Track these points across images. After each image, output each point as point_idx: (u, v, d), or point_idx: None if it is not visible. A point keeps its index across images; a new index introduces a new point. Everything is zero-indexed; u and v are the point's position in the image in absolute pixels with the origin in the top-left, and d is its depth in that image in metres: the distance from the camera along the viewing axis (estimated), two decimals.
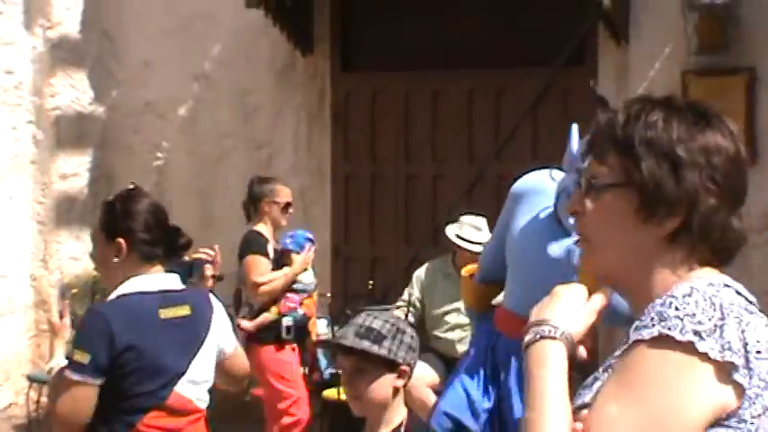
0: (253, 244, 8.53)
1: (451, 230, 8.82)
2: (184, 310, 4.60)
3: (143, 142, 11.08)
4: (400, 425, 4.03)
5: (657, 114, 2.34)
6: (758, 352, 2.22)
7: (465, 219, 8.80)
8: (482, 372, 6.77)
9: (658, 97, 2.42)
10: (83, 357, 4.34)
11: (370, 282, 9.86)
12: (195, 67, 10.90)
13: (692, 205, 2.30)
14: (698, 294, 2.25)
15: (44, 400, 10.18)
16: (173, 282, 4.68)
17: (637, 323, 2.28)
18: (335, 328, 9.22)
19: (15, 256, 10.88)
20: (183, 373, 4.56)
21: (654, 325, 2.22)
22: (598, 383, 2.37)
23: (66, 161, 11.07)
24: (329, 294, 9.98)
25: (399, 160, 10.42)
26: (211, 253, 5.82)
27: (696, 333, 2.18)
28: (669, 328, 2.19)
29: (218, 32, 10.81)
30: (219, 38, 10.84)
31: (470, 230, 8.70)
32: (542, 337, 2.35)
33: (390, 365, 3.94)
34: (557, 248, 6.44)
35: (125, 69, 11.10)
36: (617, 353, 2.34)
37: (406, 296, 9.21)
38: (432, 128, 10.32)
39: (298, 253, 8.63)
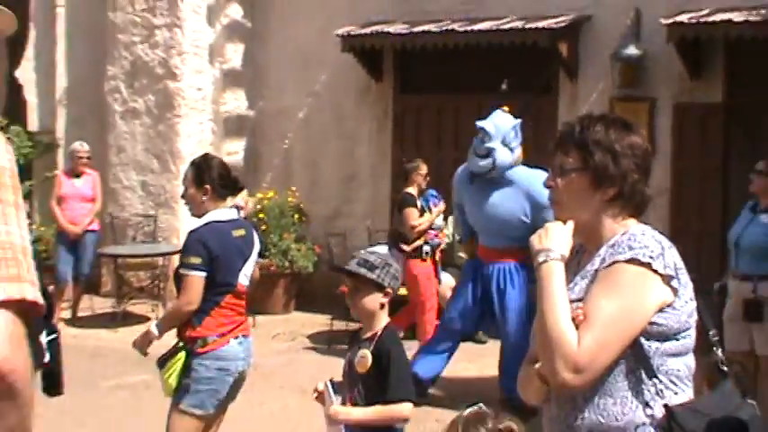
0: (408, 201, 8.63)
1: None
2: (242, 232, 4.75)
3: (276, 134, 11.21)
4: (383, 329, 3.85)
5: (600, 125, 2.49)
6: (679, 268, 2.40)
7: None
8: (470, 286, 7.27)
9: (597, 114, 2.58)
10: (195, 260, 4.57)
11: None
12: (309, 87, 10.98)
13: (623, 180, 2.46)
14: (648, 234, 2.43)
15: None
16: (234, 213, 4.82)
17: (611, 251, 2.42)
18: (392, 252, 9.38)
19: None
20: (241, 270, 4.71)
21: (626, 252, 2.38)
22: (577, 287, 2.46)
23: (231, 144, 11.29)
24: (384, 230, 10.01)
25: (434, 149, 10.40)
26: (241, 204, 5.98)
27: (650, 257, 2.37)
28: (636, 254, 2.37)
29: (324, 66, 10.86)
30: (325, 70, 10.89)
31: None
32: (552, 260, 2.40)
33: (379, 287, 3.79)
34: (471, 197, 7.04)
35: (267, 88, 11.22)
36: (590, 267, 2.47)
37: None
38: (454, 128, 10.29)
39: (435, 205, 8.83)
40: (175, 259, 10.46)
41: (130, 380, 8.00)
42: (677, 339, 2.41)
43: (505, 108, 7.15)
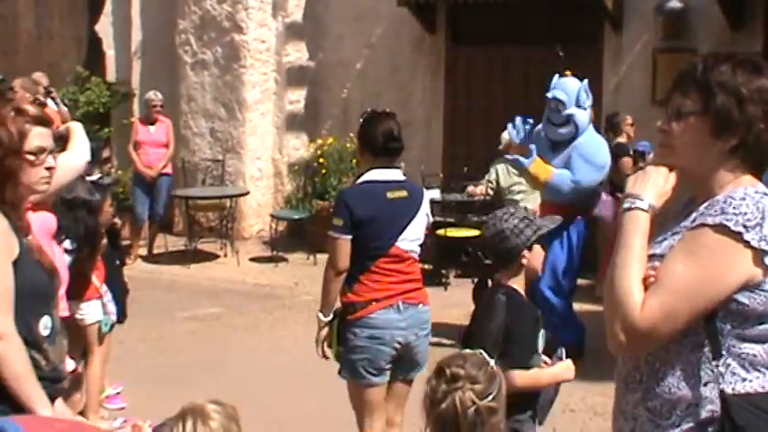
0: (623, 150, 8.54)
1: (504, 136, 8.27)
2: (403, 193, 4.28)
3: (335, 83, 11.17)
4: None
5: (727, 65, 2.10)
6: None
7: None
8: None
9: (724, 53, 2.18)
10: (338, 222, 4.19)
11: (465, 167, 9.80)
12: (366, 40, 10.92)
13: (748, 128, 2.09)
14: (749, 199, 2.05)
15: (279, 229, 11.03)
16: (397, 175, 4.35)
17: (702, 210, 2.09)
18: (444, 195, 9.36)
19: (263, 146, 11.20)
20: (400, 233, 4.25)
21: (717, 215, 2.04)
22: (666, 243, 2.15)
23: (293, 93, 11.26)
24: (441, 175, 10.10)
25: (483, 96, 10.34)
26: None
27: (744, 226, 2.01)
28: (727, 220, 2.02)
29: (380, 20, 10.78)
30: (380, 23, 10.82)
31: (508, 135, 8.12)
32: (637, 208, 2.11)
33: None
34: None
35: (327, 40, 11.16)
36: (684, 222, 2.14)
37: (486, 177, 8.88)
38: (505, 79, 10.22)
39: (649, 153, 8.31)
40: (242, 201, 10.78)
41: (202, 312, 8.25)
42: (760, 324, 2.06)
43: (567, 72, 7.04)
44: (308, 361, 6.70)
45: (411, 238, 4.32)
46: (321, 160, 10.69)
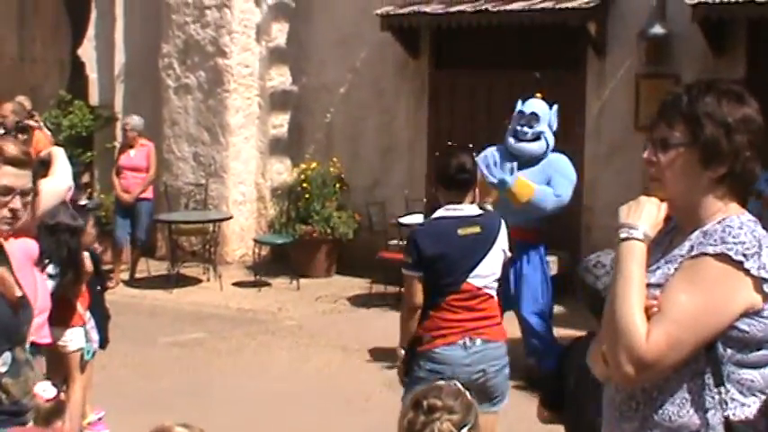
0: None
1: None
2: (476, 229, 4.25)
3: (319, 108, 11.13)
4: None
5: (711, 95, 2.10)
6: None
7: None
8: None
9: (706, 82, 2.17)
10: (408, 259, 4.23)
11: None
12: (350, 64, 10.90)
13: (735, 157, 2.10)
14: (746, 228, 2.06)
15: (263, 253, 11.02)
16: (471, 210, 4.32)
17: (701, 239, 2.08)
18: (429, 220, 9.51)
19: (246, 170, 11.15)
20: (472, 270, 4.23)
21: (717, 244, 2.04)
22: (659, 271, 2.13)
23: (276, 117, 11.23)
24: (425, 199, 9.90)
25: (467, 121, 10.28)
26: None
27: (744, 255, 2.02)
28: (728, 249, 2.03)
29: (363, 44, 10.77)
30: (363, 47, 10.81)
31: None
32: (633, 238, 2.10)
33: None
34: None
35: (310, 65, 11.14)
36: (678, 251, 2.13)
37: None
38: (488, 103, 10.13)
39: None
40: (225, 226, 10.72)
41: (185, 337, 8.19)
42: (759, 350, 2.07)
43: (538, 94, 7.13)
44: (292, 386, 6.77)
45: (484, 275, 4.30)
46: (305, 185, 10.67)
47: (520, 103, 7.17)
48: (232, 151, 11.10)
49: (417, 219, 9.37)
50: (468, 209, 4.32)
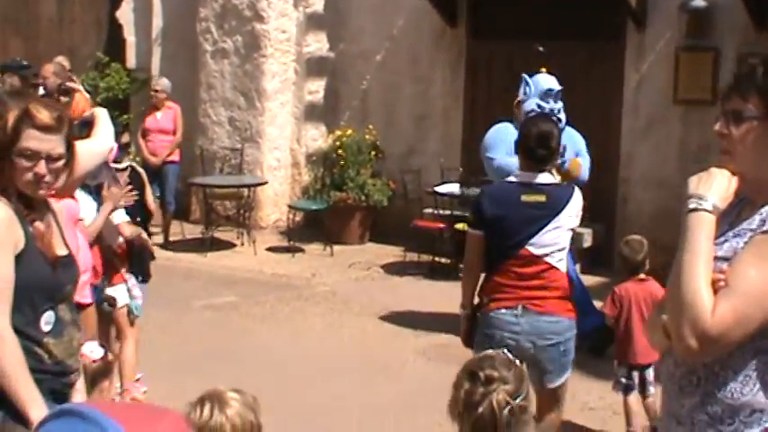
0: None
1: None
2: (541, 198, 4.22)
3: (356, 74, 11.10)
4: None
5: None
6: None
7: None
8: None
9: None
10: (471, 218, 4.39)
11: None
12: (387, 31, 10.84)
13: None
14: None
15: (296, 219, 10.99)
16: (542, 178, 4.29)
17: None
18: (464, 189, 9.19)
19: (281, 136, 11.15)
20: (531, 237, 4.21)
21: None
22: (727, 244, 2.10)
23: (312, 84, 11.21)
24: (461, 168, 9.99)
25: (504, 91, 9.76)
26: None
27: None
28: None
29: (401, 12, 10.71)
30: (401, 15, 10.74)
31: None
32: (703, 209, 2.04)
33: None
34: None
35: (348, 31, 11.10)
36: (747, 224, 2.10)
37: None
38: (524, 72, 10.44)
39: None
40: (260, 191, 10.75)
41: (219, 301, 8.24)
42: None
43: (543, 69, 7.05)
44: (327, 352, 6.80)
45: (545, 243, 4.25)
46: (340, 151, 10.65)
47: (529, 79, 7.01)
48: (268, 116, 11.10)
49: (453, 188, 9.47)
50: (541, 177, 4.30)
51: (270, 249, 10.34)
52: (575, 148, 6.85)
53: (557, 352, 4.32)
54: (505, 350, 2.59)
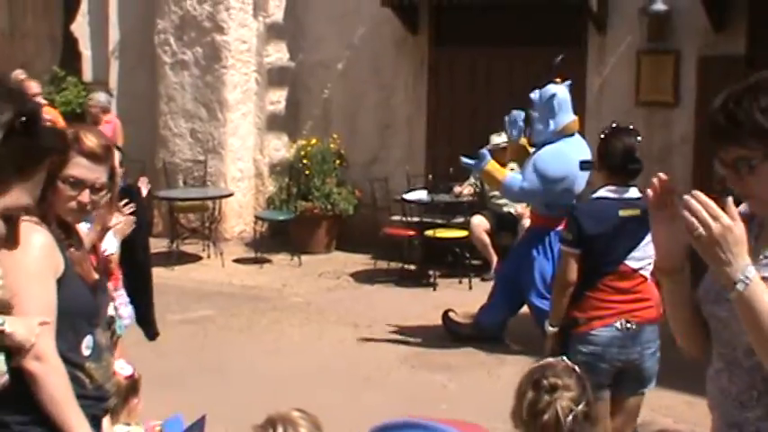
0: None
1: (493, 138, 8.80)
2: (636, 212, 4.19)
3: (316, 84, 11.05)
4: None
5: (755, 101, 1.95)
6: None
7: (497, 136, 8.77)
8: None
9: (743, 87, 1.97)
10: (568, 236, 4.29)
11: (450, 168, 9.55)
12: (347, 40, 10.80)
13: None
14: None
15: (261, 230, 10.82)
16: (633, 193, 4.29)
17: None
18: (432, 195, 9.28)
19: (244, 147, 11.04)
20: (630, 252, 4.23)
21: None
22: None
23: (273, 94, 11.13)
24: (431, 176, 9.96)
25: (466, 97, 10.28)
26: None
27: None
28: None
29: (362, 20, 10.68)
30: (363, 23, 10.72)
31: (498, 138, 8.67)
32: (751, 282, 1.86)
33: None
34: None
35: (307, 41, 11.05)
36: None
37: (472, 178, 9.19)
38: (487, 80, 10.19)
39: None
40: (224, 202, 10.62)
41: (193, 315, 8.11)
42: None
43: (557, 79, 7.05)
44: (310, 363, 6.73)
45: (640, 257, 4.29)
46: (305, 161, 10.57)
47: (537, 92, 7.04)
48: (230, 127, 10.99)
49: (421, 194, 9.49)
50: (631, 191, 4.31)
51: (237, 261, 10.24)
52: (533, 163, 6.85)
53: (655, 358, 4.41)
54: (563, 358, 2.58)
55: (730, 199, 1.88)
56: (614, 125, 4.54)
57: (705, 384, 2.20)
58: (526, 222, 8.06)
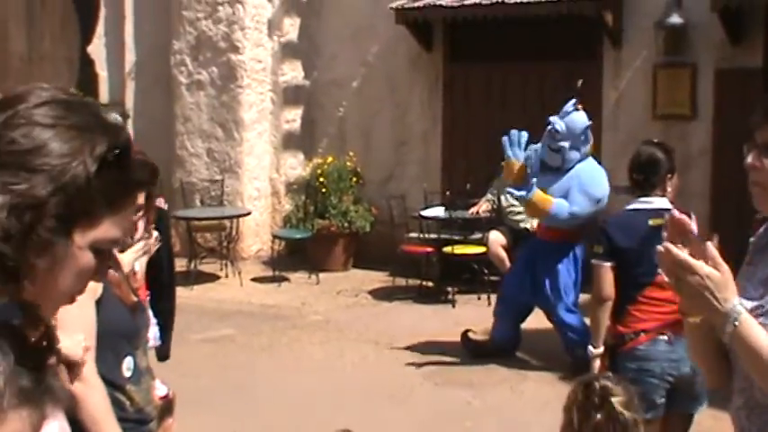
0: None
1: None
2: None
3: (331, 102, 11.09)
4: None
5: None
6: None
7: None
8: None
9: None
10: (598, 249, 4.23)
11: (467, 184, 9.76)
12: (362, 57, 10.85)
13: None
14: None
15: (278, 248, 10.81)
16: (661, 203, 4.23)
17: None
18: (450, 212, 9.27)
19: (260, 166, 11.10)
20: None
21: None
22: None
23: (289, 112, 11.20)
24: (447, 192, 9.92)
25: (482, 113, 10.27)
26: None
27: None
28: None
29: (377, 37, 10.72)
30: (377, 41, 10.76)
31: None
32: (742, 317, 1.82)
33: None
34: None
35: (322, 59, 11.11)
36: None
37: (489, 194, 9.22)
38: (502, 96, 10.19)
39: None
40: (242, 221, 10.65)
41: (214, 334, 8.11)
42: None
43: (579, 107, 7.11)
44: (332, 381, 6.71)
45: None
46: (321, 179, 10.59)
47: (564, 110, 7.09)
48: (246, 147, 11.03)
49: (438, 211, 9.48)
50: (659, 201, 4.27)
51: (255, 280, 10.24)
52: (572, 185, 6.96)
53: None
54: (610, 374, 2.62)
55: (709, 243, 1.83)
56: (652, 140, 4.52)
57: (730, 398, 2.15)
58: None
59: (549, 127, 7.01)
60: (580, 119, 6.97)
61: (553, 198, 6.90)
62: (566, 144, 6.94)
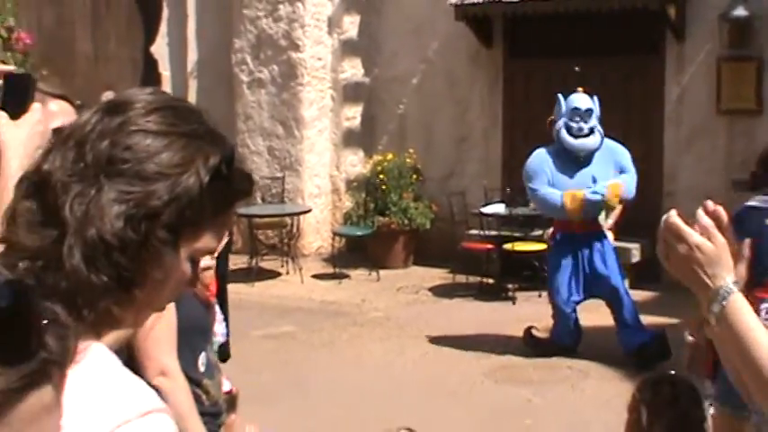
0: None
1: None
2: None
3: (392, 99, 11.15)
4: None
5: None
6: None
7: None
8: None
9: None
10: None
11: None
12: (422, 54, 10.88)
13: None
14: None
15: (338, 245, 11.13)
16: None
17: None
18: (510, 209, 9.28)
19: (320, 163, 11.24)
20: None
21: None
22: None
23: (349, 109, 11.29)
24: (508, 189, 9.79)
25: (542, 109, 9.55)
26: None
27: None
28: None
29: (436, 34, 10.73)
30: (437, 37, 10.78)
31: None
32: (733, 294, 1.61)
33: None
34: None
35: (382, 56, 11.16)
36: None
37: None
38: (563, 91, 9.89)
39: None
40: (302, 218, 10.76)
41: (276, 330, 8.21)
42: None
43: (580, 89, 7.20)
44: (393, 378, 6.76)
45: None
46: (381, 176, 10.64)
47: (562, 98, 7.16)
48: (306, 144, 11.13)
49: (498, 208, 9.48)
50: None
51: (315, 276, 10.32)
52: (619, 164, 7.04)
53: None
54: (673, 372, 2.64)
55: (700, 211, 1.62)
56: None
57: None
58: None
59: (581, 112, 7.10)
60: (588, 97, 7.24)
61: (607, 182, 6.98)
62: (595, 122, 7.07)
